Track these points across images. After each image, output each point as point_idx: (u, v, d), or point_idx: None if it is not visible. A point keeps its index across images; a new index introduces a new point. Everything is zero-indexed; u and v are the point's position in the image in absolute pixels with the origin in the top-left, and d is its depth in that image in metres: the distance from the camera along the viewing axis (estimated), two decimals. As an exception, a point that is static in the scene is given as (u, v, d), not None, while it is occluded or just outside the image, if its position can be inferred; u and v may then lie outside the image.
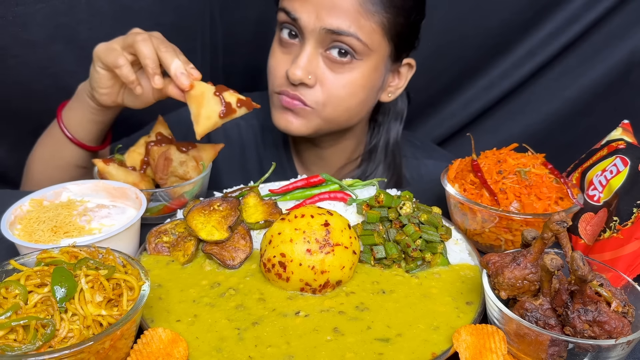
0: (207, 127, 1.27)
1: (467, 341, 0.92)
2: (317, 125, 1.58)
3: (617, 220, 1.16)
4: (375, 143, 1.78)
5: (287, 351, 0.93)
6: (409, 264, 1.15)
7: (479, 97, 2.24)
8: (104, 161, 1.37)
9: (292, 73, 1.47)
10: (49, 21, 1.67)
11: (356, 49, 1.46)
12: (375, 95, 1.62)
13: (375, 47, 1.49)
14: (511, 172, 1.25)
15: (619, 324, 0.85)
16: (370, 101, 1.62)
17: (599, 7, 1.99)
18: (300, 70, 1.46)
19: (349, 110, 1.57)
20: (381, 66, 1.55)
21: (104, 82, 1.37)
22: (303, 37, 1.48)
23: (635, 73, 2.00)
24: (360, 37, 1.44)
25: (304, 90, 1.51)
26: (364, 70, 1.51)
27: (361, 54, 1.47)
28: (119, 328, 0.83)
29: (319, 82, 1.50)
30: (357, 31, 1.43)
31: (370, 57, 1.50)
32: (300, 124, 1.56)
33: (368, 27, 1.45)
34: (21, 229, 1.15)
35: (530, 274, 0.94)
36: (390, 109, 1.77)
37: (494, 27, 2.10)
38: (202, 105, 1.26)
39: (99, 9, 1.74)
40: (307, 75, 1.48)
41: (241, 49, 2.18)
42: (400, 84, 1.67)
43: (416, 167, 1.82)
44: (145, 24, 1.81)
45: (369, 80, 1.53)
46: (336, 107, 1.54)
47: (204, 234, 1.15)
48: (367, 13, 1.44)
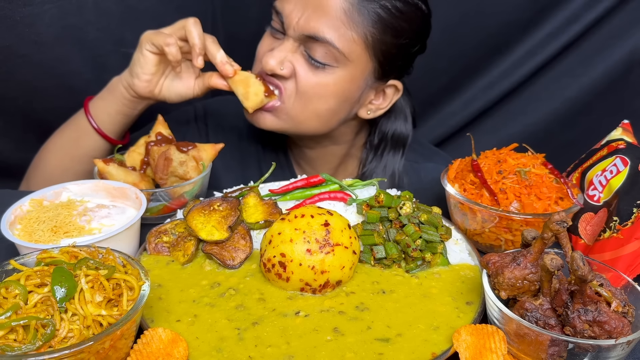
0: (256, 102, 1.48)
1: (467, 341, 0.92)
2: (284, 124, 1.57)
3: (617, 220, 1.16)
4: (371, 169, 1.77)
5: (287, 351, 0.93)
6: (409, 264, 1.15)
7: (479, 97, 2.24)
8: (104, 161, 1.37)
9: (265, 62, 1.49)
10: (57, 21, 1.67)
11: (333, 56, 1.46)
12: (348, 108, 1.59)
13: (354, 58, 1.47)
14: (511, 172, 1.25)
15: (619, 324, 0.85)
16: (341, 112, 1.59)
17: (599, 7, 1.99)
18: (273, 60, 1.48)
19: (317, 114, 1.55)
20: (359, 79, 1.53)
21: (149, 67, 1.44)
22: (286, 34, 1.50)
23: (635, 73, 1.99)
24: (337, 45, 1.43)
25: (282, 78, 1.51)
26: (338, 78, 1.49)
27: (338, 61, 1.47)
28: (119, 328, 0.83)
29: (295, 75, 1.50)
30: (334, 39, 1.43)
31: (347, 66, 1.48)
32: (267, 119, 1.57)
33: (348, 36, 1.44)
34: (21, 229, 1.15)
35: (530, 274, 0.94)
36: (387, 134, 1.75)
37: (494, 27, 2.10)
38: (249, 85, 1.46)
39: (106, 10, 1.75)
40: (280, 66, 1.49)
41: (243, 50, 2.18)
42: (384, 104, 1.64)
43: (416, 170, 1.81)
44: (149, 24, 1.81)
45: (341, 89, 1.52)
46: (304, 107, 1.52)
47: (204, 234, 1.15)
48: (350, 22, 1.43)
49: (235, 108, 1.88)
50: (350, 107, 1.60)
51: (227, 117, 1.86)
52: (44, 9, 1.63)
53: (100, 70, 1.77)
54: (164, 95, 1.51)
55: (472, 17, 2.08)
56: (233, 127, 1.85)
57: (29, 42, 1.64)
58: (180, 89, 1.51)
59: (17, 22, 1.62)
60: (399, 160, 1.77)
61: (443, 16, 1.83)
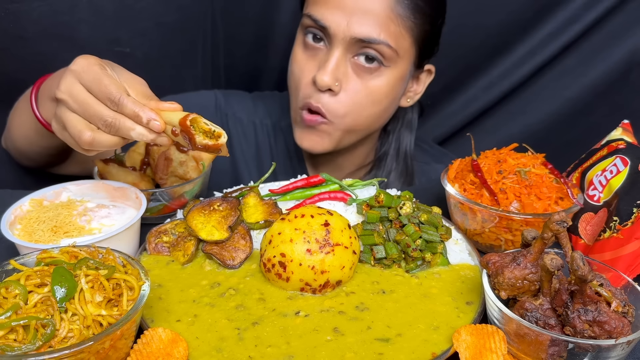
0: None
1: (467, 341, 0.92)
2: (338, 139, 1.56)
3: (617, 220, 1.16)
4: (385, 150, 1.77)
5: (287, 351, 0.93)
6: (409, 264, 1.15)
7: (479, 97, 2.24)
8: (104, 161, 1.37)
9: (320, 79, 1.43)
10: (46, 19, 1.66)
11: (385, 56, 1.44)
12: (396, 103, 1.61)
13: (403, 53, 1.47)
14: (511, 172, 1.25)
15: (619, 324, 0.85)
16: (391, 109, 1.61)
17: (599, 7, 1.99)
18: (327, 76, 1.43)
19: (370, 117, 1.55)
20: (406, 74, 1.53)
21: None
22: (331, 42, 1.45)
23: (635, 73, 1.99)
24: (391, 44, 1.42)
25: (327, 98, 1.48)
26: (390, 78, 1.49)
27: (389, 60, 1.45)
28: (119, 328, 0.83)
29: (344, 89, 1.47)
30: (387, 38, 1.41)
31: (397, 63, 1.48)
32: (324, 143, 1.55)
33: (397, 32, 1.43)
34: (21, 229, 1.15)
35: (530, 274, 0.94)
36: (400, 117, 1.76)
37: (494, 27, 2.10)
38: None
39: (101, 8, 1.74)
40: (335, 81, 1.45)
41: (242, 50, 2.18)
42: (419, 89, 1.66)
43: (427, 172, 1.82)
44: (147, 23, 1.81)
45: (394, 87, 1.52)
46: (357, 115, 1.51)
47: (204, 234, 1.15)
48: (397, 18, 1.42)
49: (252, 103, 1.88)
50: (398, 102, 1.61)
51: (244, 110, 1.84)
52: (32, 7, 1.62)
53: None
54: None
55: (472, 17, 2.08)
56: (249, 122, 1.83)
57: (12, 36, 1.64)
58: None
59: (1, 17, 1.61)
60: (410, 140, 1.77)
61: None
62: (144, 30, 1.80)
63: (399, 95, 1.58)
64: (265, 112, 1.85)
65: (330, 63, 1.44)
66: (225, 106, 1.82)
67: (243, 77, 2.23)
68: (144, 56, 1.85)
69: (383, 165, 1.77)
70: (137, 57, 1.83)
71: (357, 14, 1.40)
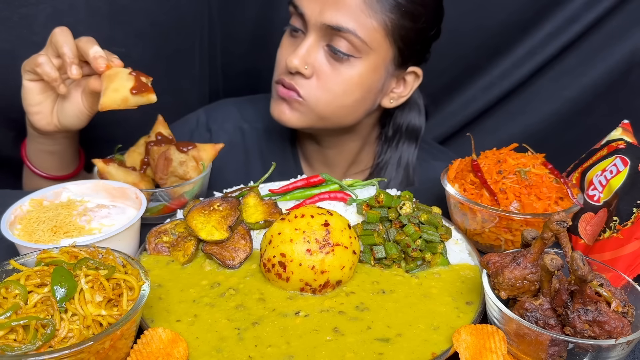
0: (115, 100, 1.19)
1: (467, 341, 0.92)
2: (310, 121, 1.58)
3: (617, 220, 1.16)
4: (386, 160, 1.78)
5: (287, 351, 0.93)
6: (409, 264, 1.15)
7: (479, 97, 2.24)
8: (104, 161, 1.37)
9: (290, 61, 1.50)
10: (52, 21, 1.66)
11: (355, 46, 1.47)
12: (373, 97, 1.61)
13: (375, 47, 1.49)
14: (511, 172, 1.25)
15: (619, 324, 0.85)
16: (367, 102, 1.61)
17: (599, 7, 1.99)
18: (297, 59, 1.49)
19: (343, 107, 1.57)
20: (381, 68, 1.55)
21: (32, 97, 1.32)
22: (307, 29, 1.51)
23: (635, 73, 1.99)
24: (359, 34, 1.45)
25: (300, 80, 1.52)
26: (361, 69, 1.51)
27: (360, 51, 1.48)
28: (119, 328, 0.83)
29: (316, 74, 1.52)
30: (356, 28, 1.45)
31: (369, 55, 1.50)
32: (293, 116, 1.58)
33: (369, 24, 1.46)
34: (21, 229, 1.15)
35: (530, 274, 0.94)
36: (402, 125, 1.76)
37: (494, 27, 2.10)
38: (112, 80, 1.21)
39: (97, 10, 1.74)
40: (304, 65, 1.50)
41: (239, 49, 2.18)
42: (405, 92, 1.66)
43: (425, 170, 1.82)
44: (144, 23, 1.80)
45: (366, 79, 1.54)
46: (330, 102, 1.54)
47: (204, 234, 1.15)
48: (369, 10, 1.45)
49: (237, 109, 1.88)
50: (374, 97, 1.62)
51: (229, 119, 1.86)
52: (40, 9, 1.62)
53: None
54: (62, 123, 1.36)
55: (472, 17, 2.08)
56: (237, 129, 1.84)
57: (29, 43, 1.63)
58: (70, 111, 1.35)
59: (15, 23, 1.61)
60: (413, 151, 1.79)
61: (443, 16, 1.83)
62: (139, 30, 1.80)
63: (373, 88, 1.58)
64: (257, 116, 1.86)
65: (301, 48, 1.50)
66: (208, 122, 1.85)
67: (241, 76, 2.23)
68: (140, 56, 1.84)
69: (383, 174, 1.78)
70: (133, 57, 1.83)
71: (330, 2, 1.45)
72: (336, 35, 1.46)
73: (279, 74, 1.58)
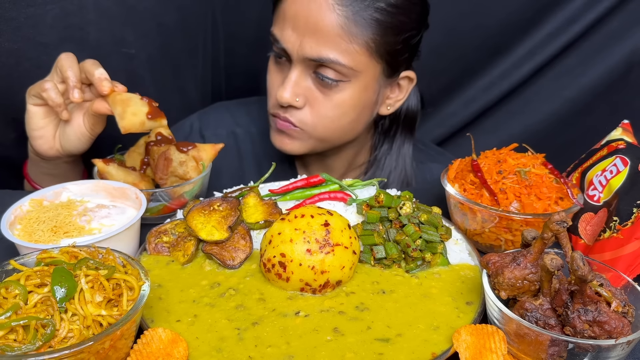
0: (134, 123, 1.24)
1: (467, 341, 0.92)
2: (311, 145, 1.60)
3: (617, 220, 1.16)
4: (384, 152, 1.78)
5: (287, 351, 0.93)
6: (409, 264, 1.15)
7: (479, 97, 2.24)
8: (104, 161, 1.37)
9: (280, 96, 1.49)
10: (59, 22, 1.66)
11: (341, 72, 1.46)
12: (369, 112, 1.61)
13: (362, 68, 1.47)
14: (511, 172, 1.25)
15: (619, 324, 0.85)
16: (364, 118, 1.61)
17: (599, 7, 1.99)
18: (287, 93, 1.48)
19: (340, 129, 1.57)
20: (372, 84, 1.53)
21: (36, 122, 1.34)
22: (291, 61, 1.49)
23: (635, 73, 1.99)
24: (343, 62, 1.43)
25: (294, 111, 1.52)
26: (352, 91, 1.50)
27: (348, 76, 1.47)
28: (119, 328, 0.83)
29: (308, 103, 1.51)
30: (338, 57, 1.42)
31: (358, 77, 1.49)
32: (294, 145, 1.59)
33: (351, 49, 1.43)
34: (21, 229, 1.15)
35: (530, 274, 0.94)
36: (400, 116, 1.76)
37: (494, 27, 2.10)
38: (128, 105, 1.25)
39: (107, 10, 1.74)
40: (295, 97, 1.49)
41: (242, 50, 2.18)
42: (400, 96, 1.66)
43: (421, 171, 1.82)
44: (149, 24, 1.80)
45: (359, 99, 1.53)
46: (327, 127, 1.55)
47: (204, 234, 1.15)
48: (349, 36, 1.42)
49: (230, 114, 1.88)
50: (370, 112, 1.62)
51: (222, 124, 1.85)
52: (47, 9, 1.62)
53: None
54: (64, 147, 1.38)
55: (472, 17, 2.08)
56: (230, 134, 1.84)
57: (35, 43, 1.63)
58: (72, 134, 1.36)
59: (22, 23, 1.60)
60: (409, 140, 1.78)
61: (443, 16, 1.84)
62: (147, 31, 1.80)
63: (368, 104, 1.58)
64: (250, 120, 1.86)
65: (289, 80, 1.49)
66: (201, 128, 1.84)
67: (244, 76, 2.23)
68: (148, 57, 1.85)
69: (381, 166, 1.78)
70: (141, 58, 1.83)
71: (308, 34, 1.42)
72: (320, 65, 1.45)
73: (272, 106, 1.58)
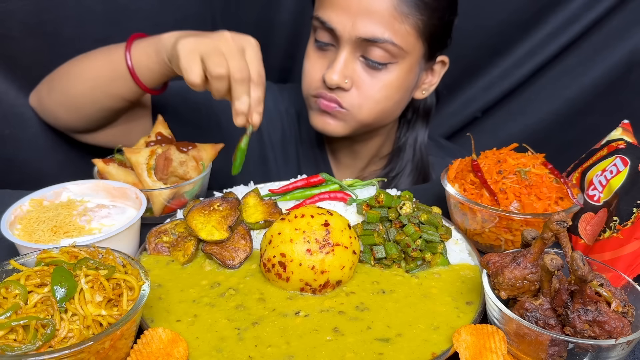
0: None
1: (467, 341, 0.92)
2: (353, 127, 1.62)
3: (617, 220, 1.16)
4: (403, 142, 1.82)
5: (287, 351, 0.93)
6: (409, 264, 1.15)
7: (479, 97, 2.24)
8: (104, 161, 1.37)
9: (329, 78, 1.50)
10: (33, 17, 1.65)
11: (392, 53, 1.49)
12: (409, 95, 1.66)
13: (410, 49, 1.51)
14: (511, 172, 1.25)
15: (619, 324, 0.85)
16: (404, 101, 1.65)
17: (599, 7, 1.99)
18: (336, 75, 1.50)
19: (384, 111, 1.60)
20: (415, 67, 1.57)
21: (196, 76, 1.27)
22: (339, 43, 1.51)
23: (635, 73, 1.99)
24: (395, 42, 1.46)
25: (341, 93, 1.54)
26: (399, 73, 1.53)
27: (396, 57, 1.50)
28: (119, 328, 0.83)
29: (355, 85, 1.54)
30: (391, 36, 1.46)
31: (405, 59, 1.52)
32: (337, 126, 1.61)
33: (402, 30, 1.47)
34: (21, 229, 1.15)
35: (530, 274, 0.94)
36: (419, 107, 1.80)
37: (494, 27, 2.10)
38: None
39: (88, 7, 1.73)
40: (344, 79, 1.51)
41: None
42: (434, 80, 1.70)
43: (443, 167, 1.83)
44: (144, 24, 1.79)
45: (404, 81, 1.56)
46: (372, 109, 1.57)
47: (204, 234, 1.15)
48: (401, 16, 1.46)
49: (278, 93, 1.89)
50: (410, 95, 1.66)
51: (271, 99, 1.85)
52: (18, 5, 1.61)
53: None
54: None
55: (472, 17, 2.08)
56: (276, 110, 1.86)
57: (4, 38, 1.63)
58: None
59: None
60: (424, 131, 1.82)
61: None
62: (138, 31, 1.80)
63: (410, 87, 1.62)
64: (290, 101, 1.90)
65: (338, 62, 1.51)
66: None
67: None
68: None
69: (402, 156, 1.81)
70: None
71: (361, 15, 1.45)
72: (371, 45, 1.47)
73: (315, 88, 1.59)
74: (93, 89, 1.47)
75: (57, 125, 1.62)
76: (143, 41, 1.42)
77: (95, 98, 1.48)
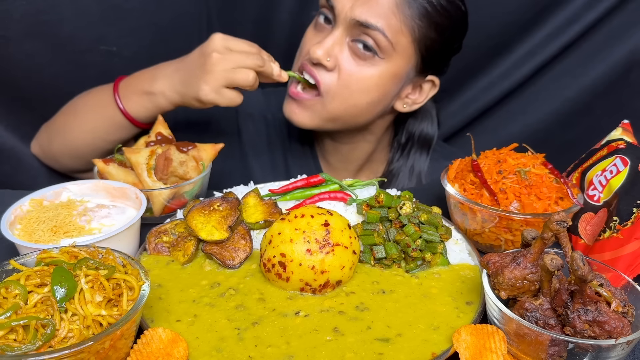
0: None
1: (467, 341, 0.92)
2: (320, 120, 1.60)
3: (617, 220, 1.16)
4: (399, 167, 1.80)
5: (287, 351, 0.93)
6: (409, 264, 1.15)
7: (479, 97, 2.24)
8: (104, 161, 1.37)
9: (313, 51, 1.51)
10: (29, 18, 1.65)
11: (380, 45, 1.48)
12: (388, 101, 1.62)
13: (400, 50, 1.51)
14: (511, 172, 1.25)
15: (619, 324, 0.85)
16: (380, 105, 1.62)
17: (599, 7, 1.99)
18: (321, 50, 1.50)
19: (355, 107, 1.57)
20: (401, 74, 1.56)
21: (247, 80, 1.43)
22: (335, 23, 1.52)
23: (635, 73, 1.99)
24: (387, 34, 1.47)
25: (322, 71, 1.53)
26: (383, 71, 1.53)
27: (384, 52, 1.50)
28: (119, 328, 0.83)
29: (338, 68, 1.53)
30: (384, 27, 1.46)
31: (392, 58, 1.51)
32: (304, 116, 1.59)
33: (397, 27, 1.47)
34: (21, 229, 1.15)
35: (530, 274, 0.94)
36: (415, 132, 1.78)
37: (494, 27, 2.10)
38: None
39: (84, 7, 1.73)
40: (327, 57, 1.51)
41: None
42: (420, 99, 1.67)
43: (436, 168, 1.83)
44: (138, 23, 1.79)
45: (386, 82, 1.55)
46: (344, 99, 1.55)
47: (204, 234, 1.15)
48: (400, 14, 1.47)
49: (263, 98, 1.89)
50: (389, 101, 1.63)
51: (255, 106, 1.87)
52: (15, 6, 1.62)
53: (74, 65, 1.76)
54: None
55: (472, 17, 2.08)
56: (261, 120, 1.86)
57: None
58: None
59: None
60: (424, 160, 1.81)
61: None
62: (133, 30, 1.80)
63: (390, 93, 1.59)
64: (278, 107, 1.89)
65: (327, 40, 1.52)
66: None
67: None
68: (134, 55, 1.84)
69: (394, 182, 1.79)
70: (124, 56, 1.83)
71: (362, 0, 1.47)
72: (363, 32, 1.48)
73: (301, 58, 1.60)
74: (94, 139, 1.55)
75: (61, 169, 1.68)
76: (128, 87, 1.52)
77: (97, 146, 1.55)
